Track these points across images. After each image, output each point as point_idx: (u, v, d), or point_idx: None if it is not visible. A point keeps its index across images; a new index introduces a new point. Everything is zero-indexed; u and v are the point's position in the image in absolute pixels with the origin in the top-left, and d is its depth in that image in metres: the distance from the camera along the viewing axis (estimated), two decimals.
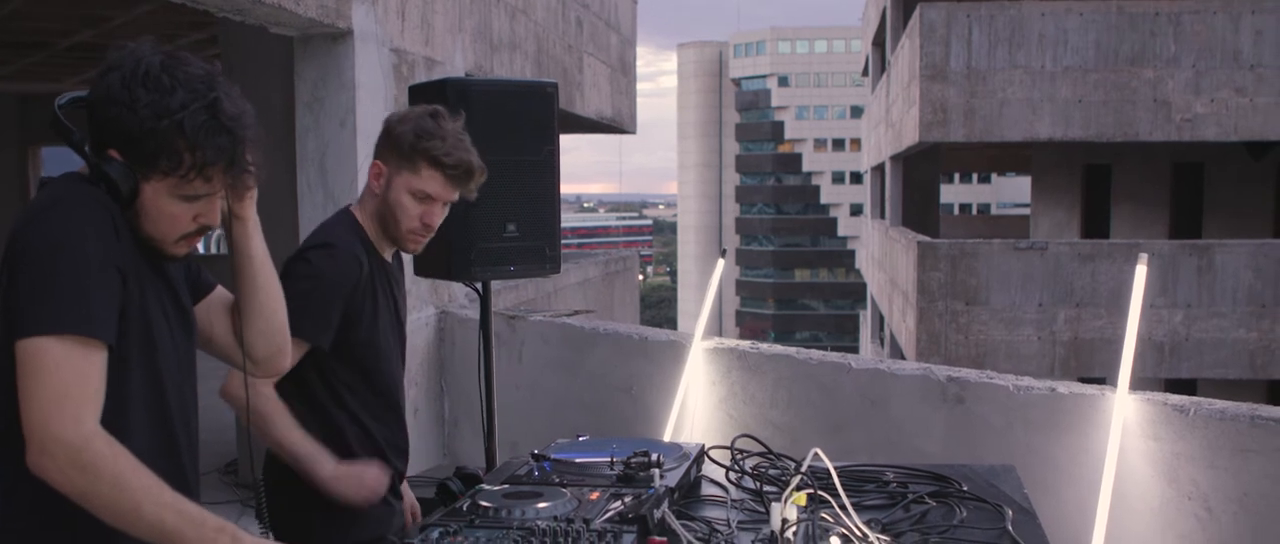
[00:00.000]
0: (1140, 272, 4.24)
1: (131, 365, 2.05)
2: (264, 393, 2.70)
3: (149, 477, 1.93)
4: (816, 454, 2.55)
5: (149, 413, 2.11)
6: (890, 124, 20.82)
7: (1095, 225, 20.40)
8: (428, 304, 6.97)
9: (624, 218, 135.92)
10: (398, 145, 2.83)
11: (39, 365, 1.89)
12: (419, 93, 4.26)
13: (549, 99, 4.25)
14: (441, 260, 4.13)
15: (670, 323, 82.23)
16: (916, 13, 15.69)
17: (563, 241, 4.43)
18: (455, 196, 2.89)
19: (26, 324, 1.91)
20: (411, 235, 2.88)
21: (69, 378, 1.90)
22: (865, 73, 32.47)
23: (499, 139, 4.09)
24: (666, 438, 5.61)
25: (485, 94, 4.10)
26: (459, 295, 7.31)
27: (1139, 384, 4.89)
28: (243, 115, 2.05)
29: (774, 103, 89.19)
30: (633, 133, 15.35)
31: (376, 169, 2.88)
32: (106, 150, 2.01)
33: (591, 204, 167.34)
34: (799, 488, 2.43)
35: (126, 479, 1.90)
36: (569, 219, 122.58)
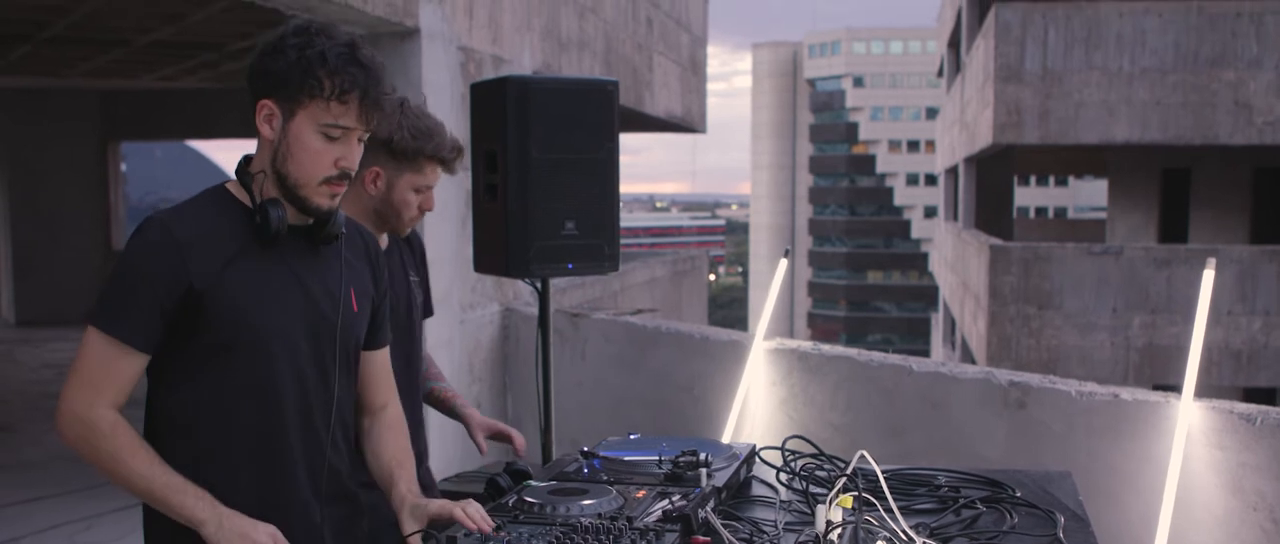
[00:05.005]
0: (1208, 276, 4.16)
1: (234, 358, 2.28)
2: None
3: (144, 457, 2.22)
4: (863, 456, 2.54)
5: (255, 402, 2.31)
6: (964, 125, 20.60)
7: (1173, 230, 19.99)
8: (492, 301, 7.02)
9: (697, 218, 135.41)
10: (397, 150, 3.01)
11: (81, 348, 2.24)
12: (480, 90, 4.29)
13: (609, 97, 4.25)
14: (500, 257, 4.16)
15: (741, 323, 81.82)
16: (991, 13, 15.51)
17: (635, 241, 4.45)
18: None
19: (90, 311, 2.24)
20: (412, 222, 3.12)
21: (96, 365, 2.23)
22: (940, 74, 32.15)
23: (559, 137, 4.11)
24: (726, 439, 5.59)
25: (545, 92, 4.10)
26: (524, 292, 7.34)
27: (1215, 392, 4.79)
28: (377, 62, 2.33)
29: (849, 103, 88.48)
30: (703, 132, 15.34)
31: (373, 174, 3.02)
32: (261, 101, 2.30)
33: (664, 204, 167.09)
34: (846, 490, 2.41)
35: (121, 457, 2.21)
36: (642, 219, 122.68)
